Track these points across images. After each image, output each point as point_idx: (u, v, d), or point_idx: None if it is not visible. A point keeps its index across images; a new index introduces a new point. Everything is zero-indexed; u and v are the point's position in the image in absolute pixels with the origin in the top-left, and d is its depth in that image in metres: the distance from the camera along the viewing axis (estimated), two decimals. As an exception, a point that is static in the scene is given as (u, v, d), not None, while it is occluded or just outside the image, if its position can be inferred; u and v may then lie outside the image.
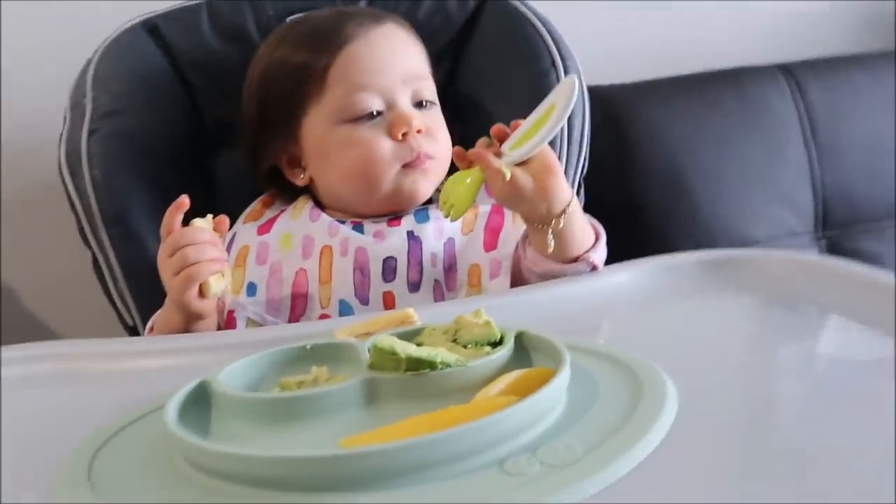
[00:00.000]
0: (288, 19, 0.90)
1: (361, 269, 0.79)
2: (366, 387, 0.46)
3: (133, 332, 0.88)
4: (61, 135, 0.87)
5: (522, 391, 0.44)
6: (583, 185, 0.94)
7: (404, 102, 0.82)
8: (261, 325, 0.78)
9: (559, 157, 0.90)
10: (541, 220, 0.71)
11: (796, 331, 0.64)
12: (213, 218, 0.73)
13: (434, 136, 0.83)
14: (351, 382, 0.46)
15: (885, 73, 1.49)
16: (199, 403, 0.48)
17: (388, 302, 0.78)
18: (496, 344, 0.51)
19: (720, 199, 1.37)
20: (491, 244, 0.81)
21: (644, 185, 1.34)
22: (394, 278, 0.79)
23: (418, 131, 0.81)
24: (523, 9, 0.94)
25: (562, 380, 0.45)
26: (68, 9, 1.13)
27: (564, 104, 0.69)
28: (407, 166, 0.82)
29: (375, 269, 0.79)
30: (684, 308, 0.68)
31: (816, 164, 1.43)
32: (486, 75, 0.95)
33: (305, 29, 0.85)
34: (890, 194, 1.47)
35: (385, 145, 0.81)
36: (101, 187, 0.84)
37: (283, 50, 0.84)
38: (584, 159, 0.93)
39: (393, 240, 0.81)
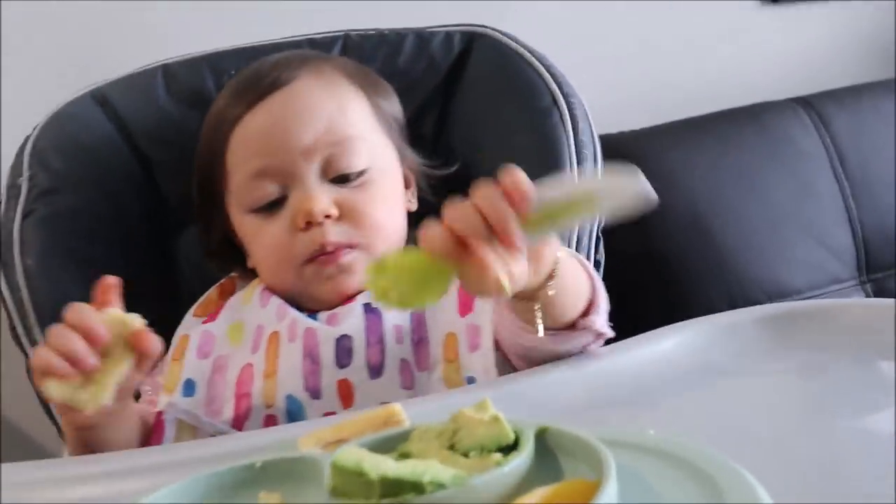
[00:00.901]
0: None
1: (311, 355, 0.64)
2: (326, 525, 0.32)
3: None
4: (-5, 222, 0.76)
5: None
6: (601, 239, 0.81)
7: (310, 180, 0.67)
8: (195, 431, 0.64)
9: None
10: (524, 295, 0.51)
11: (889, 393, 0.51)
12: (144, 324, 0.53)
13: (358, 218, 0.67)
14: (304, 521, 0.32)
15: (908, 97, 1.39)
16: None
17: (345, 392, 0.63)
18: (510, 449, 0.37)
19: (750, 245, 1.25)
20: (466, 305, 0.65)
21: (665, 234, 1.22)
22: (349, 362, 0.64)
23: (327, 216, 0.66)
24: (516, 46, 0.83)
25: (608, 497, 0.31)
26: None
27: (616, 203, 0.45)
28: (315, 262, 0.66)
29: (327, 353, 0.64)
30: (752, 377, 0.55)
31: (850, 198, 1.31)
32: (480, 121, 0.83)
33: (216, 106, 0.75)
34: (934, 227, 1.35)
35: (284, 240, 0.67)
36: (35, 277, 0.72)
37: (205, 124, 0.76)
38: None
39: (347, 318, 0.66)
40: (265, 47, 0.85)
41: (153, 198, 0.83)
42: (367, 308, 0.66)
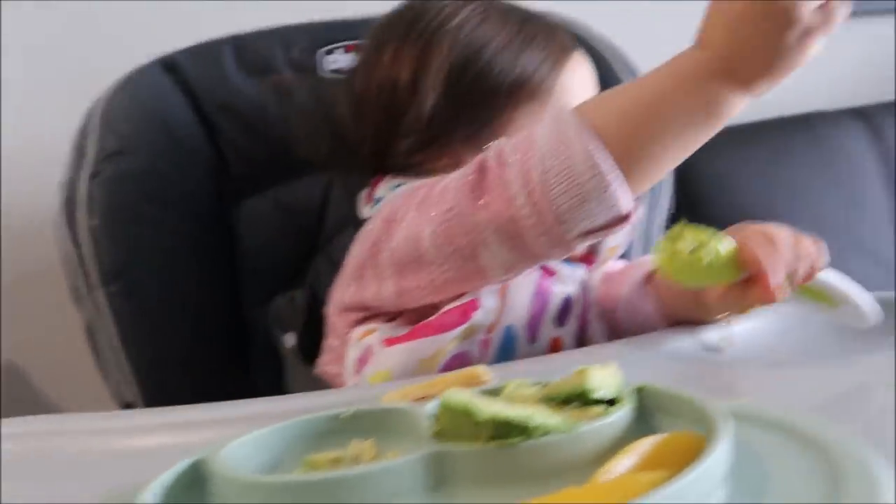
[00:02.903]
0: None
1: (542, 294, 0.63)
2: (432, 464, 0.32)
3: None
4: (60, 182, 0.76)
5: (666, 466, 0.30)
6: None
7: None
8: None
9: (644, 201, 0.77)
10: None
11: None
12: None
13: None
14: (411, 458, 0.32)
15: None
16: (194, 491, 0.34)
17: (555, 349, 0.63)
18: (608, 404, 0.36)
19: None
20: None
21: (715, 241, 1.21)
22: (565, 323, 0.63)
23: None
24: (588, 34, 0.84)
25: (724, 447, 0.30)
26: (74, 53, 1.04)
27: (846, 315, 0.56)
28: None
29: (554, 304, 0.63)
30: (830, 364, 0.54)
31: (903, 213, 1.30)
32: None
33: (530, 23, 0.70)
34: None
35: None
36: (100, 236, 0.72)
37: (508, 29, 0.69)
38: (670, 201, 0.81)
39: (569, 280, 0.65)
40: (337, 24, 0.85)
41: (216, 166, 0.82)
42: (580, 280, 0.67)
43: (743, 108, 0.49)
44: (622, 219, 0.50)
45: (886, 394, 0.48)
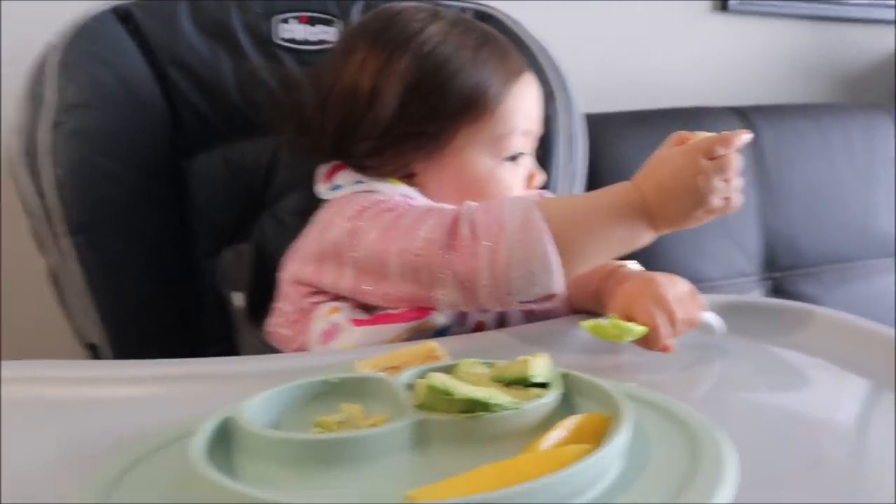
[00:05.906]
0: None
1: None
2: (416, 429, 0.42)
3: (93, 351, 0.80)
4: (15, 127, 0.78)
5: (584, 439, 0.42)
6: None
7: (530, 152, 0.79)
8: None
9: (559, 187, 0.88)
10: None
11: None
12: None
13: None
14: (402, 424, 0.42)
15: (828, 123, 1.57)
16: (219, 440, 0.43)
17: (478, 330, 0.73)
18: (541, 385, 0.47)
19: (676, 237, 1.37)
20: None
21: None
22: (489, 310, 0.74)
23: None
24: (523, 33, 0.92)
25: (628, 428, 0.42)
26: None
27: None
28: None
29: None
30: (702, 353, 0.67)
31: (766, 206, 1.48)
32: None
33: (486, 46, 0.76)
34: (827, 240, 1.54)
35: (519, 188, 0.78)
36: (67, 188, 0.76)
37: (465, 52, 0.75)
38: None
39: None
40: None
41: (170, 121, 0.86)
42: None
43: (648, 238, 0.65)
44: (553, 296, 0.64)
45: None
